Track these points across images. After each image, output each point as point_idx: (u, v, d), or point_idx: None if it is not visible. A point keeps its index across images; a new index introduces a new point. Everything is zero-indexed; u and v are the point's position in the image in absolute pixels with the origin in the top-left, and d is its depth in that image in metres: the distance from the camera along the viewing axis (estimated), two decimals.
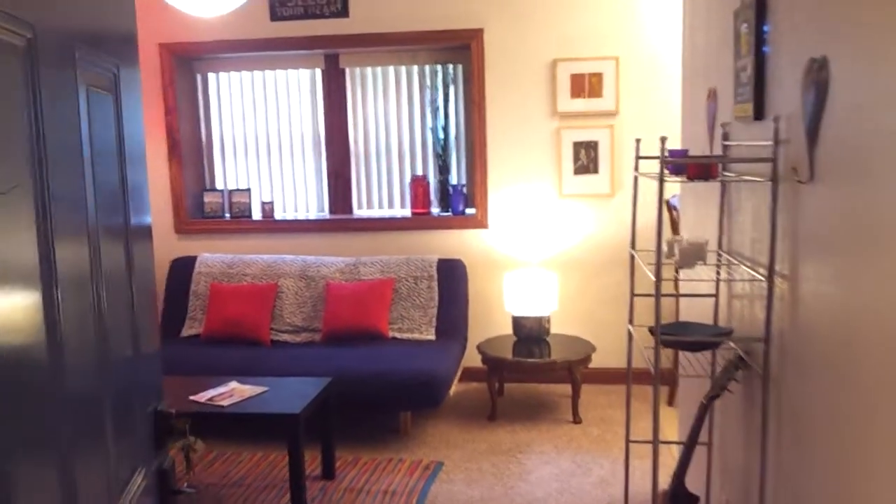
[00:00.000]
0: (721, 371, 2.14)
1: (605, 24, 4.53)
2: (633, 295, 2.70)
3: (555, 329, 4.52)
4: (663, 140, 2.04)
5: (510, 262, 4.73)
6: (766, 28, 1.94)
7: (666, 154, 2.07)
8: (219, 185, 5.21)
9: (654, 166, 2.52)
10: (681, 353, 2.66)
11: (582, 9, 4.54)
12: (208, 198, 5.08)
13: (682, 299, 3.36)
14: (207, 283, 4.61)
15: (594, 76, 4.58)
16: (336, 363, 3.90)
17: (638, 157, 2.59)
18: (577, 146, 4.64)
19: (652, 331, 2.08)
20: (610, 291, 4.70)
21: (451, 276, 4.52)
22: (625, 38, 4.53)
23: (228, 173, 5.19)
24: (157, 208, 5.00)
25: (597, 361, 4.32)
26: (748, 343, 2.11)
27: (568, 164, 4.65)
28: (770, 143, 1.86)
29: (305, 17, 4.77)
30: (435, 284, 4.47)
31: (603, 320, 4.71)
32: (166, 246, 4.99)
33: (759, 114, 1.99)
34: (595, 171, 4.64)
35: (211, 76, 5.14)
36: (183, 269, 4.73)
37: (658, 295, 2.01)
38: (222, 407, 3.04)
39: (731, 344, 2.22)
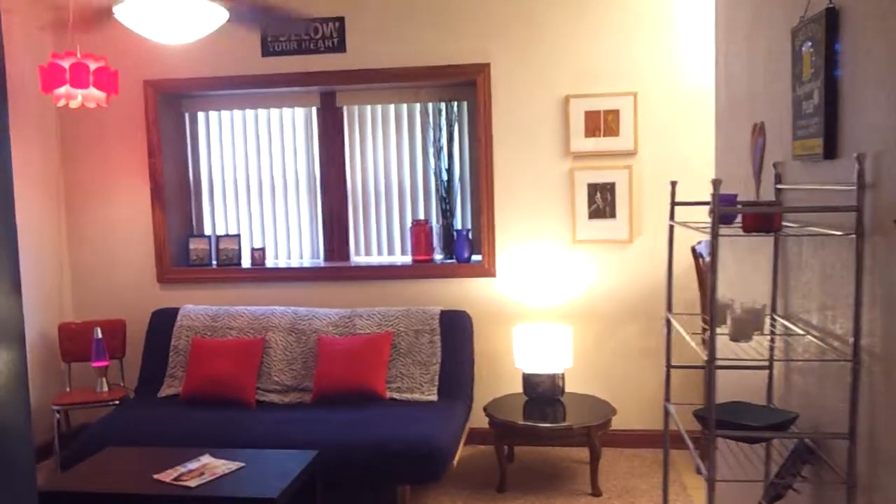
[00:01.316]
0: (786, 465, 1.74)
1: (621, 57, 4.21)
2: (669, 366, 2.29)
3: (570, 387, 4.11)
4: (716, 184, 1.66)
5: (520, 313, 4.33)
6: (837, 46, 1.58)
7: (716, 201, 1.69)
8: (206, 230, 4.86)
9: (689, 213, 2.16)
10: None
11: (596, 41, 4.22)
12: (194, 244, 4.72)
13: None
14: (189, 338, 4.22)
15: (610, 113, 4.24)
16: (326, 430, 3.49)
17: (674, 204, 2.20)
18: (592, 188, 4.28)
19: (701, 418, 1.68)
20: (629, 346, 4.30)
21: (456, 329, 4.13)
22: (643, 72, 4.20)
23: (217, 218, 4.84)
24: (138, 256, 4.64)
25: (616, 422, 3.90)
26: (819, 433, 1.71)
27: (582, 207, 4.29)
28: (851, 187, 1.49)
29: (299, 53, 4.46)
30: (438, 338, 4.08)
31: (622, 378, 4.30)
32: (147, 297, 4.62)
33: (831, 151, 1.62)
34: (612, 215, 4.27)
35: (200, 115, 4.82)
36: (164, 321, 4.34)
37: (712, 377, 1.61)
38: (189, 488, 2.63)
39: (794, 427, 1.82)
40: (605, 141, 4.26)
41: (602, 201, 4.28)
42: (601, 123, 4.25)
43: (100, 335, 4.23)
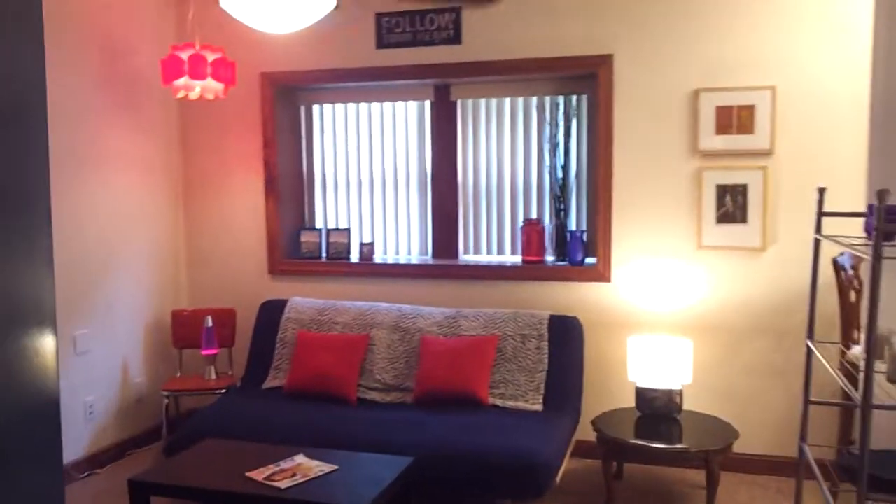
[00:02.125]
0: None
1: (758, 48, 3.84)
2: (808, 402, 1.99)
3: (688, 405, 3.80)
4: (884, 195, 1.38)
5: (635, 322, 4.05)
6: None
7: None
8: (318, 223, 4.84)
9: (835, 226, 1.86)
10: None
11: (731, 31, 3.87)
12: (305, 237, 4.71)
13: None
14: (295, 331, 4.20)
15: (744, 109, 3.89)
16: (425, 435, 3.36)
17: (821, 214, 1.90)
18: (722, 190, 3.94)
19: (848, 469, 1.40)
20: (756, 364, 3.93)
21: (565, 335, 3.90)
22: (783, 64, 3.82)
23: (328, 211, 4.82)
24: (251, 247, 4.68)
25: (738, 445, 3.56)
26: None
27: (709, 210, 3.95)
28: None
29: (414, 45, 4.35)
30: (545, 345, 3.86)
31: (746, 398, 3.95)
32: (258, 287, 4.65)
33: None
34: (742, 219, 3.91)
35: (315, 108, 4.81)
36: (272, 313, 4.35)
37: (867, 421, 1.34)
38: (279, 490, 2.56)
39: None
40: (739, 139, 3.91)
41: (732, 204, 3.93)
42: (734, 120, 3.91)
43: (210, 324, 4.29)
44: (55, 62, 3.78)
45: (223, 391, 4.15)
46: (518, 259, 4.41)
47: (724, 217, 3.94)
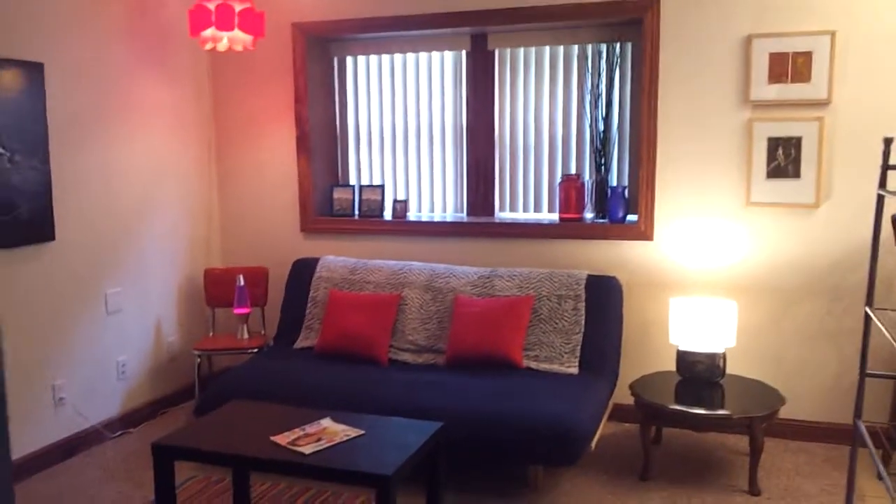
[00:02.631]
0: None
1: None
2: (864, 374, 1.82)
3: (731, 369, 3.63)
4: None
5: (678, 283, 3.88)
6: None
7: None
8: (351, 180, 4.73)
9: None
10: None
11: None
12: (338, 194, 4.61)
13: None
14: (327, 290, 4.13)
15: (801, 56, 3.62)
16: (456, 399, 3.27)
17: (886, 167, 1.71)
18: (774, 143, 3.70)
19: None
20: (805, 327, 3.74)
21: (603, 296, 3.75)
22: (845, 7, 3.53)
23: (362, 168, 4.70)
24: (282, 204, 4.60)
25: (784, 411, 3.39)
26: None
27: (759, 165, 3.73)
28: None
29: None
30: (582, 305, 3.72)
31: (794, 362, 3.76)
32: (290, 245, 4.58)
33: None
34: (795, 174, 3.68)
35: (348, 60, 4.65)
36: (304, 271, 4.28)
37: None
38: (302, 455, 2.49)
39: None
40: (793, 88, 3.65)
41: (784, 158, 3.69)
42: (789, 67, 3.65)
43: (242, 282, 4.24)
44: (81, 17, 3.70)
45: (255, 351, 4.11)
46: (555, 216, 4.24)
47: (776, 172, 3.71)
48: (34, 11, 3.43)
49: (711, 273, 3.83)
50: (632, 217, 4.05)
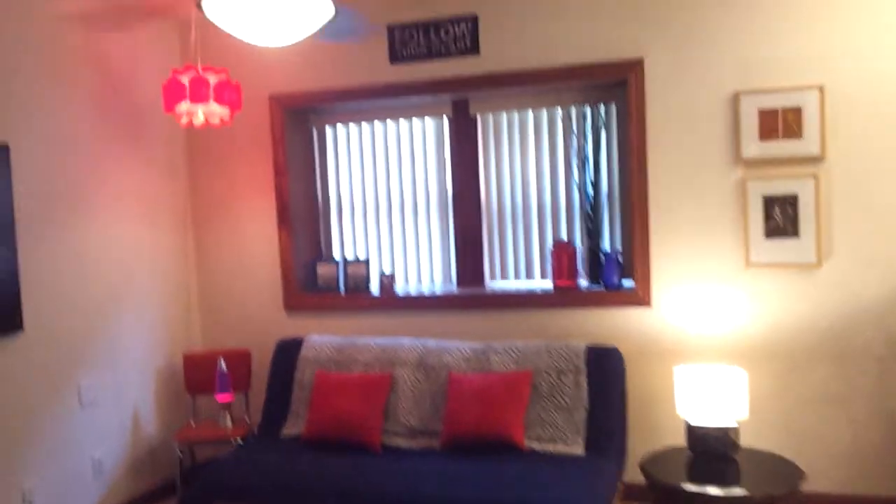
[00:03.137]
0: None
1: (804, 43, 3.51)
2: None
3: (745, 441, 3.44)
4: None
5: (681, 351, 3.72)
6: None
7: None
8: (335, 254, 4.57)
9: None
10: None
11: (771, 27, 3.54)
12: (322, 269, 4.44)
13: None
14: (313, 372, 3.92)
15: (790, 112, 3.55)
16: (456, 487, 3.05)
17: None
18: (770, 202, 3.59)
19: None
20: (819, 393, 3.58)
21: (605, 368, 3.57)
22: (832, 60, 3.48)
23: (346, 240, 4.54)
24: (264, 281, 4.42)
25: (804, 485, 3.20)
26: None
27: (757, 224, 3.61)
28: None
29: (430, 58, 4.07)
30: (584, 379, 3.54)
31: (807, 431, 3.60)
32: (273, 324, 4.38)
33: None
34: (794, 233, 3.57)
35: (327, 130, 4.54)
36: (289, 352, 4.07)
37: None
38: None
39: None
40: (785, 145, 3.56)
41: (782, 217, 3.58)
42: (779, 124, 3.57)
43: (224, 367, 4.02)
44: (54, 92, 3.56)
45: (239, 441, 3.88)
46: (549, 284, 4.09)
47: (774, 231, 3.60)
48: None
49: (714, 338, 3.68)
50: (628, 283, 3.91)
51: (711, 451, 3.31)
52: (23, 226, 3.36)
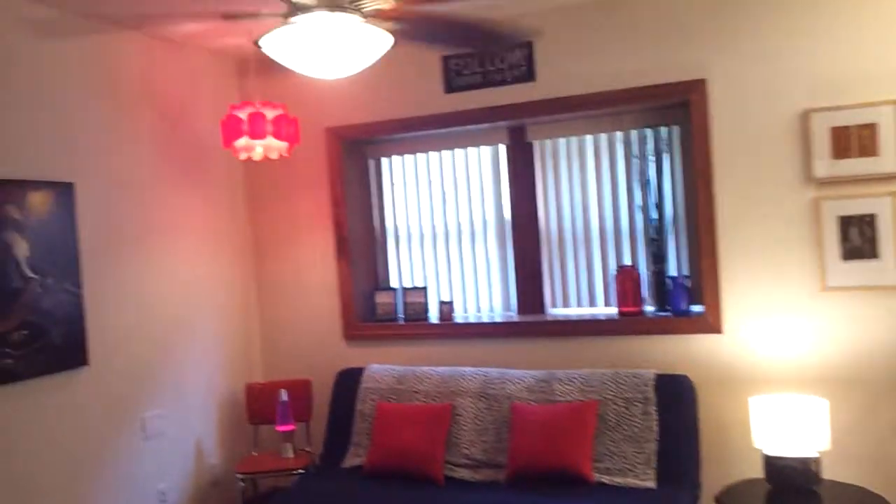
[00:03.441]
0: None
1: (878, 57, 3.37)
2: None
3: (827, 473, 3.26)
4: None
5: (756, 379, 3.55)
6: None
7: None
8: (393, 282, 4.54)
9: None
10: None
11: (841, 41, 3.42)
12: (380, 298, 4.41)
13: None
14: (374, 402, 3.87)
15: (865, 128, 3.40)
16: None
17: None
18: (846, 222, 3.44)
19: None
20: None
21: (675, 397, 3.44)
22: None
23: (403, 269, 4.52)
24: (324, 311, 4.41)
25: None
26: None
27: (832, 246, 3.46)
28: None
29: (485, 86, 4.04)
30: (653, 409, 3.41)
31: (895, 462, 3.38)
32: (334, 354, 4.36)
33: None
34: (873, 254, 3.40)
35: (384, 161, 4.55)
36: (349, 382, 4.04)
37: None
38: None
39: None
40: (860, 163, 3.41)
41: (860, 237, 3.42)
42: (853, 142, 3.42)
43: (285, 397, 4.01)
44: (116, 130, 3.64)
45: (301, 471, 3.84)
46: (613, 310, 3.99)
47: (852, 253, 3.44)
48: (63, 131, 3.35)
49: (790, 366, 3.51)
50: (697, 308, 3.77)
51: (791, 484, 3.15)
52: (87, 262, 3.41)
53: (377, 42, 2.21)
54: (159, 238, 3.87)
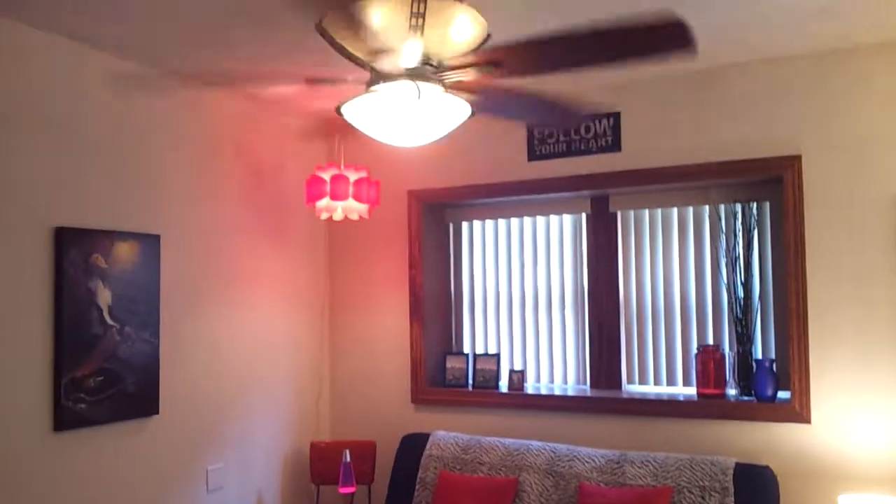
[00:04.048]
0: None
1: None
2: None
3: None
4: None
5: (847, 475, 3.29)
6: None
7: None
8: (465, 347, 4.48)
9: None
10: None
11: None
12: (451, 363, 4.35)
13: None
14: (437, 470, 3.77)
15: None
16: None
17: None
18: None
19: None
20: None
21: (756, 489, 3.21)
22: None
23: (477, 334, 4.45)
24: (394, 373, 4.38)
25: None
26: None
27: None
28: None
29: (569, 155, 4.01)
30: (731, 500, 3.18)
31: None
32: (400, 418, 4.30)
33: None
34: None
35: (464, 225, 4.54)
36: (414, 448, 3.96)
37: None
38: None
39: None
40: None
41: None
42: None
43: (348, 458, 3.94)
44: (203, 184, 3.77)
45: None
46: (692, 391, 3.80)
47: None
48: (152, 184, 3.48)
49: (885, 463, 3.23)
50: (783, 394, 3.55)
51: None
52: (166, 312, 3.49)
53: (456, 112, 2.21)
54: (238, 291, 3.95)
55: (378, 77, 2.17)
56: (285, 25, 2.87)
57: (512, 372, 4.17)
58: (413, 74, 2.15)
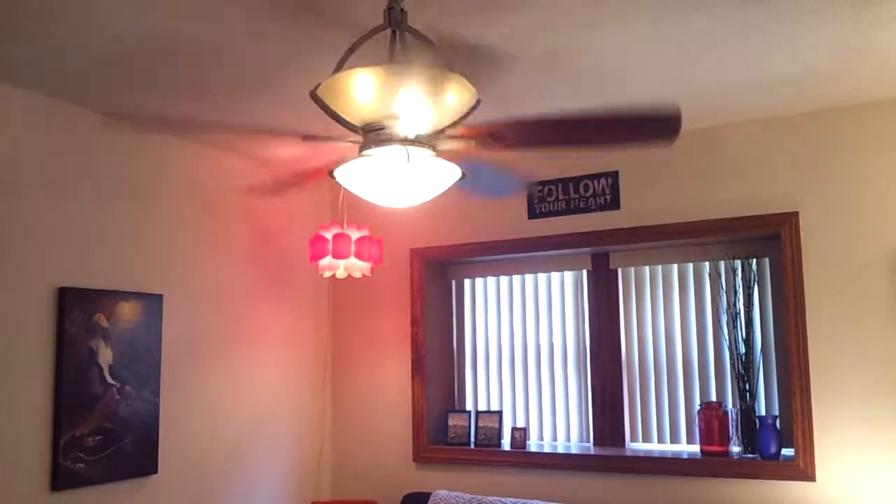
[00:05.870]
0: None
1: None
2: None
3: None
4: None
5: None
6: None
7: None
8: (467, 404, 4.46)
9: None
10: None
11: None
12: (453, 420, 4.33)
13: None
14: None
15: None
16: None
17: None
18: None
19: None
20: None
21: None
22: None
23: (479, 391, 4.44)
24: (395, 431, 4.35)
25: None
26: None
27: None
28: None
29: (568, 213, 4.05)
30: None
31: None
32: (402, 476, 4.26)
33: None
34: None
35: (465, 282, 4.57)
36: None
37: None
38: None
39: None
40: None
41: None
42: None
43: None
44: (207, 244, 3.83)
45: None
46: (696, 448, 3.75)
47: None
48: (156, 244, 3.53)
49: None
50: (787, 451, 3.51)
51: None
52: (167, 371, 3.51)
53: (446, 175, 2.26)
54: (240, 349, 3.97)
55: (370, 142, 2.23)
56: (282, 88, 2.95)
57: (514, 429, 4.14)
58: (404, 140, 2.21)
